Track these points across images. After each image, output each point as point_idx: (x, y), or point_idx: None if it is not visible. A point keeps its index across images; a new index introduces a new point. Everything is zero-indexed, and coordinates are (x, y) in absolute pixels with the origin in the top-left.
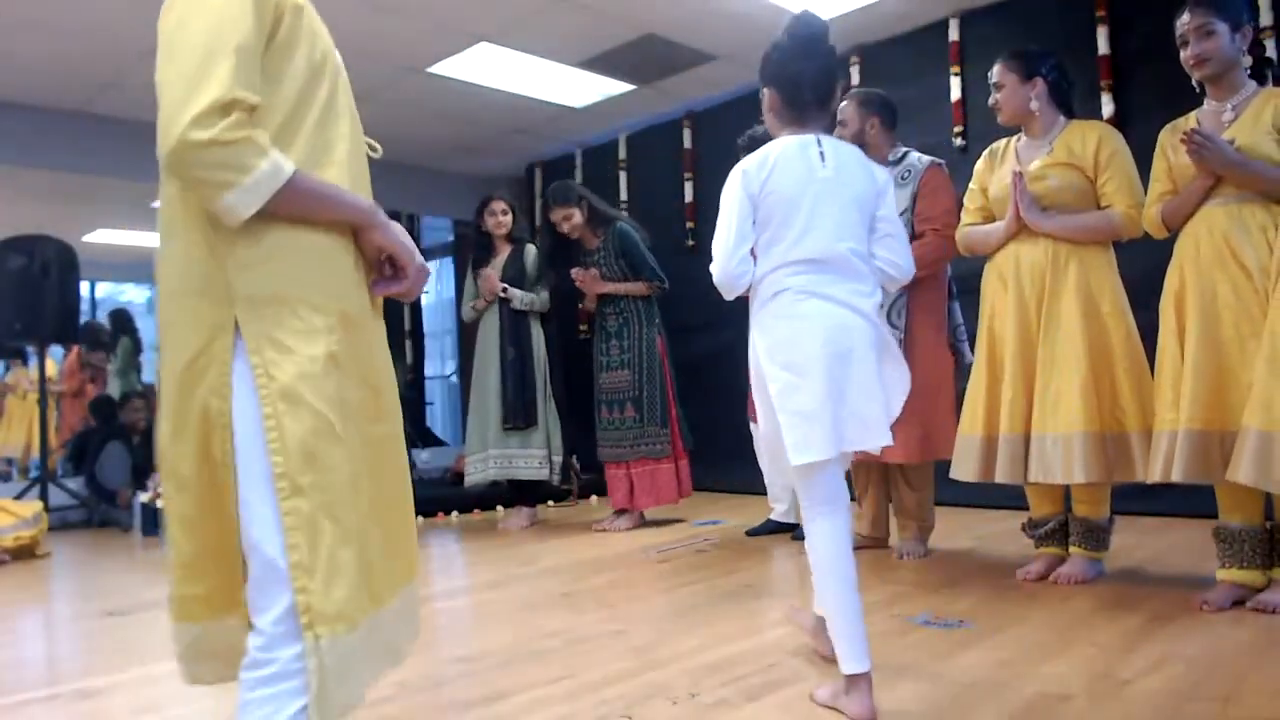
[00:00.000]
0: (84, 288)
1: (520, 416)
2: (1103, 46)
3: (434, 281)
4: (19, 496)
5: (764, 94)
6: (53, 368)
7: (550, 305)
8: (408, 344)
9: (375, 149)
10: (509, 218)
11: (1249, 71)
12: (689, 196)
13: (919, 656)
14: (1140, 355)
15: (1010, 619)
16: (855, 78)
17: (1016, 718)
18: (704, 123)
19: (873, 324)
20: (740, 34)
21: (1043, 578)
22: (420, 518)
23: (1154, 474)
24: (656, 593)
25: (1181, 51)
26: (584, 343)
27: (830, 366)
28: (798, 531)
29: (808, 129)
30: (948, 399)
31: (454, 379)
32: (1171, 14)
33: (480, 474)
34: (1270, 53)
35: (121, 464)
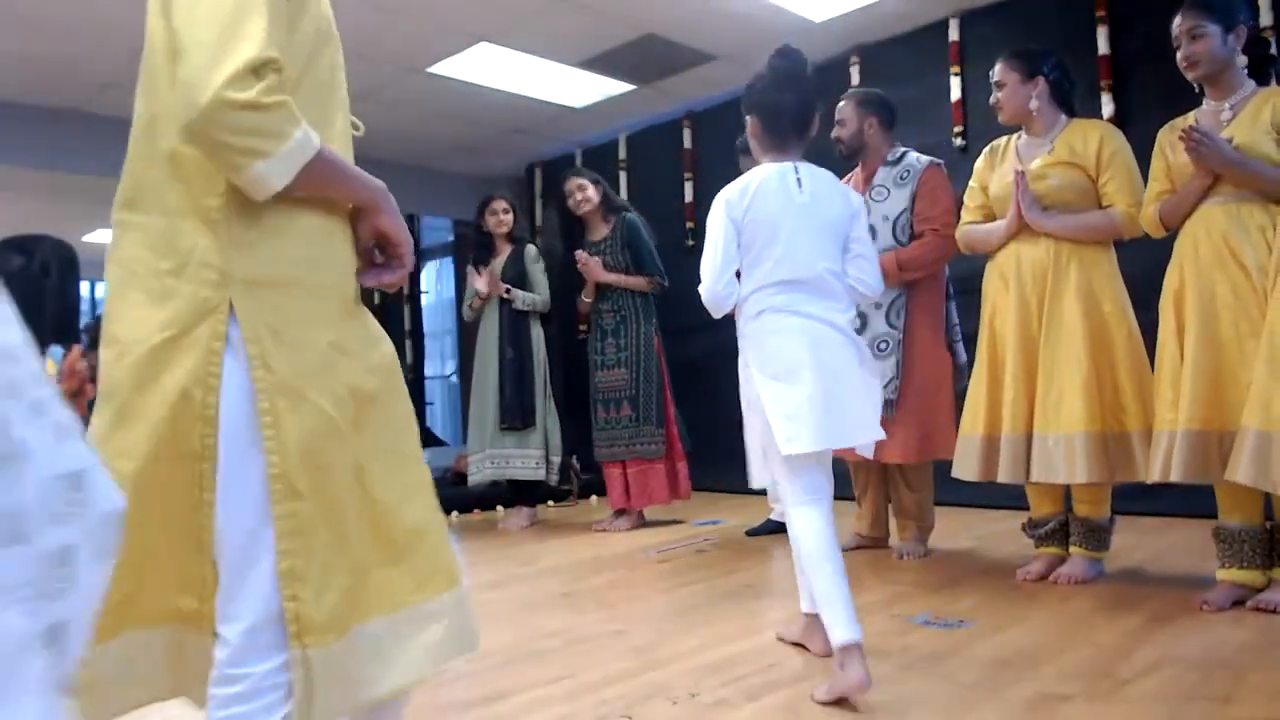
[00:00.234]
0: (84, 287)
1: (518, 417)
2: (1103, 46)
3: (434, 281)
4: None
5: (747, 121)
6: (52, 367)
7: (551, 306)
8: (408, 344)
9: (358, 127)
10: (510, 216)
11: (1248, 71)
12: (689, 196)
13: (919, 656)
14: (1142, 354)
15: (1010, 619)
16: (855, 78)
17: (1016, 718)
18: (704, 123)
19: (849, 337)
20: (740, 34)
21: (1043, 578)
22: None
23: (1153, 474)
24: (656, 593)
25: (1177, 53)
26: (584, 343)
27: (818, 371)
28: None
29: (787, 155)
30: (947, 399)
31: (454, 379)
32: (1171, 14)
33: (481, 474)
34: (1274, 51)
35: None
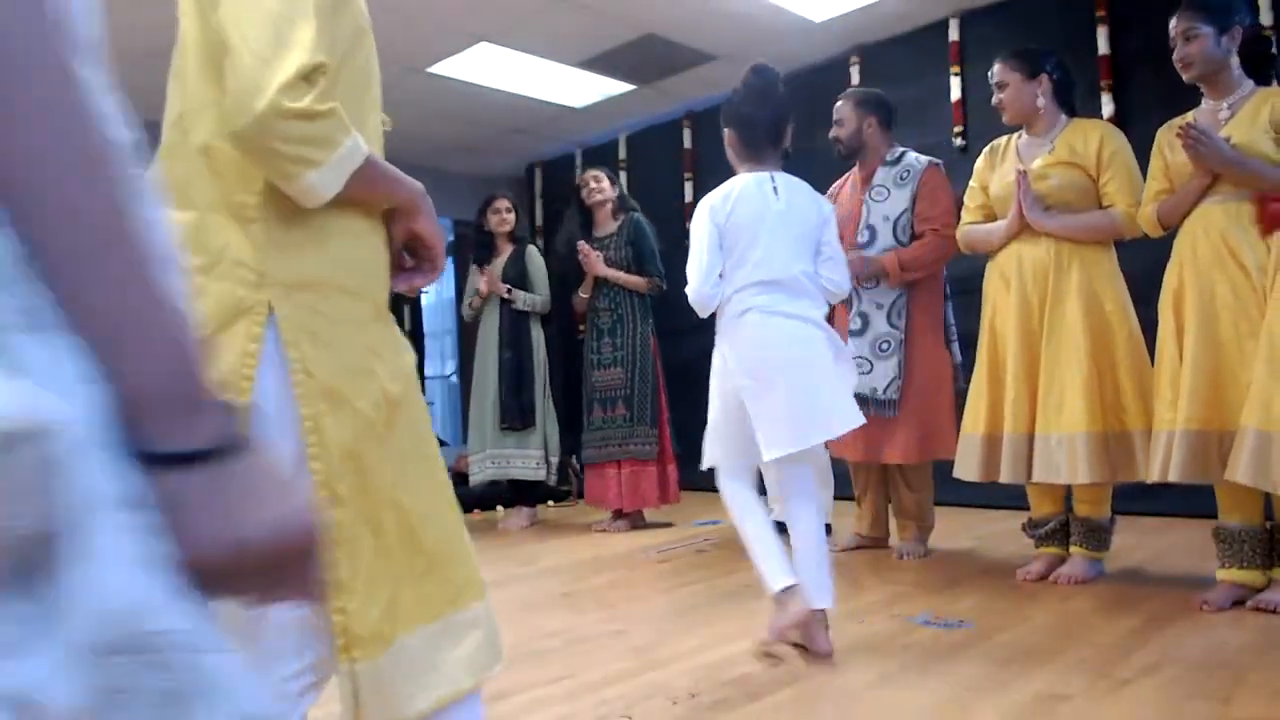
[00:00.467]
0: None
1: (517, 418)
2: (1103, 46)
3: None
4: None
5: (725, 134)
6: None
7: (551, 306)
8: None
9: (387, 123)
10: (512, 216)
11: (1249, 70)
12: (689, 196)
13: (919, 656)
14: (1143, 354)
15: (1010, 619)
16: (855, 78)
17: (1016, 718)
18: (704, 123)
19: (824, 330)
20: (740, 34)
21: (1043, 578)
22: None
23: (1152, 474)
24: (656, 593)
25: (1173, 54)
26: (583, 343)
27: (795, 370)
28: None
29: (763, 165)
30: (947, 400)
31: (454, 379)
32: (1171, 14)
33: (481, 474)
34: (1274, 50)
35: None
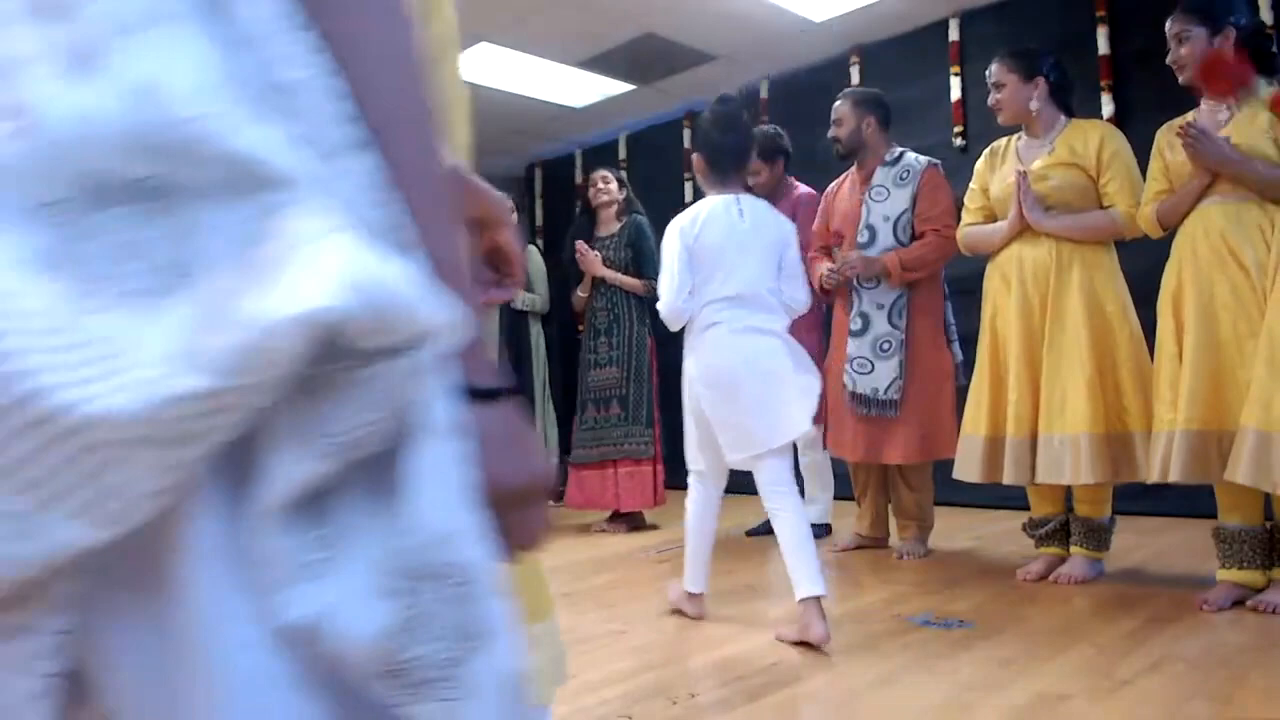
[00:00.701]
0: None
1: None
2: (1103, 46)
3: None
4: None
5: (693, 159)
6: None
7: (550, 306)
8: None
9: None
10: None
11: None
12: (689, 196)
13: (919, 656)
14: (1144, 355)
15: (1010, 619)
16: (855, 78)
17: (1016, 718)
18: None
19: (785, 341)
20: (740, 34)
21: (1043, 578)
22: None
23: (1152, 474)
24: (656, 593)
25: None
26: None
27: (751, 385)
28: None
29: (729, 188)
30: (948, 400)
31: None
32: (1171, 14)
33: None
34: (1275, 48)
35: None
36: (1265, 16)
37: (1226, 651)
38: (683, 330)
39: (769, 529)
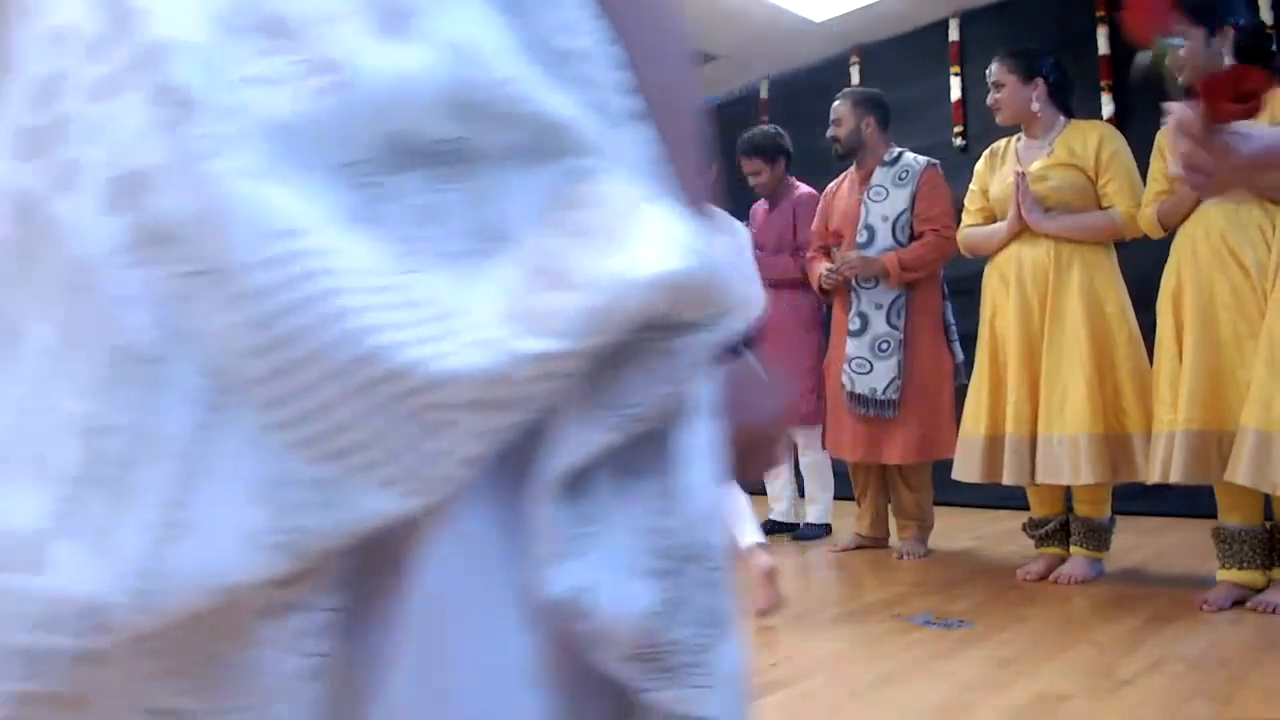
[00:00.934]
0: None
1: None
2: (1103, 46)
3: None
4: None
5: None
6: None
7: None
8: None
9: None
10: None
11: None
12: None
13: (919, 656)
14: (1143, 356)
15: (1010, 619)
16: (855, 78)
17: (1016, 718)
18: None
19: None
20: (740, 34)
21: (1043, 578)
22: None
23: (1152, 475)
24: None
25: None
26: None
27: None
28: (798, 531)
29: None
30: (947, 399)
31: None
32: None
33: None
34: (1275, 47)
35: None
36: (1265, 16)
37: (1226, 651)
38: None
39: (768, 529)
